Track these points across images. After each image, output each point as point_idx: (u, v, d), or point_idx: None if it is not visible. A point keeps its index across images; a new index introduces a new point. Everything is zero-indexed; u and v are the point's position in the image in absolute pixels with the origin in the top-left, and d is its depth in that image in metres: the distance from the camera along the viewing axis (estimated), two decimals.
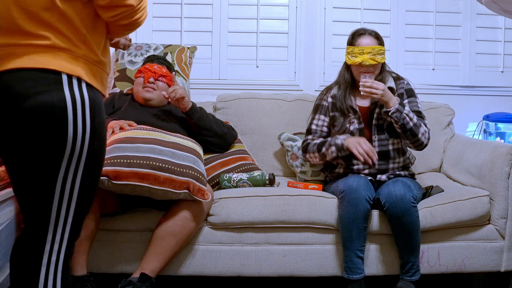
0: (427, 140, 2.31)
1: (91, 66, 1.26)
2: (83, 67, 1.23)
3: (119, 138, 2.05)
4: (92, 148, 1.25)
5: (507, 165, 2.21)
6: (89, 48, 1.25)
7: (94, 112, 1.24)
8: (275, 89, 3.07)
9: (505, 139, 2.91)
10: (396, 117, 2.22)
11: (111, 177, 1.91)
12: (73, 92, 1.19)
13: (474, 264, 2.23)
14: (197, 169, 2.06)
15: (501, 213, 2.22)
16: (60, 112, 1.17)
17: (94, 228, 2.03)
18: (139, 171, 1.94)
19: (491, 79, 3.18)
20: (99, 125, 1.27)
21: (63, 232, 1.28)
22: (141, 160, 1.96)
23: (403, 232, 2.11)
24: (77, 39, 1.23)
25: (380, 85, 2.21)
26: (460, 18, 3.15)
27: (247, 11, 3.10)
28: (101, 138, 1.30)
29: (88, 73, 1.24)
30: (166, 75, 2.49)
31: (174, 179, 1.98)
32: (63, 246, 1.29)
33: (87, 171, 1.27)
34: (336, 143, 2.28)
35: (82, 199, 1.29)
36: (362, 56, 2.27)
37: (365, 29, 2.37)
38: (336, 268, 2.20)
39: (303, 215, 2.18)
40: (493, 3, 1.79)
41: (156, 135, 2.12)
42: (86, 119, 1.22)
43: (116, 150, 1.99)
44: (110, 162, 1.94)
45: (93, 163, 1.27)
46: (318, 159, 2.39)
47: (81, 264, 1.99)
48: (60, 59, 1.19)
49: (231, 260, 2.19)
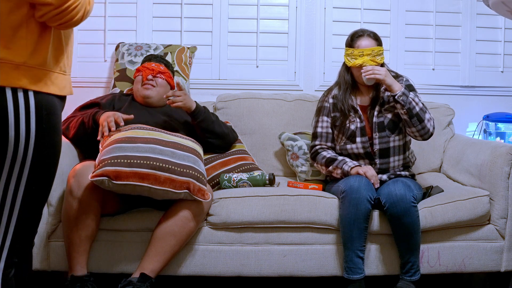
0: (433, 128, 2.31)
1: (36, 72, 1.24)
2: (25, 74, 1.22)
3: (119, 138, 2.05)
4: (39, 154, 1.25)
5: (507, 165, 2.21)
6: (29, 54, 1.23)
7: (41, 117, 1.24)
8: (275, 89, 3.07)
9: (505, 139, 2.91)
10: (403, 100, 2.23)
11: (112, 177, 1.91)
12: (16, 99, 1.21)
13: (474, 264, 2.23)
14: (197, 169, 2.06)
15: (501, 213, 2.22)
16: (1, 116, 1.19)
17: (95, 228, 2.03)
18: (139, 171, 1.94)
19: (491, 79, 3.18)
20: (48, 130, 1.26)
21: (4, 239, 1.25)
22: (141, 160, 1.96)
23: (403, 232, 2.11)
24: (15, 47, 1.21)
25: (382, 69, 2.25)
26: (460, 18, 3.15)
27: (247, 11, 3.10)
28: (51, 145, 1.29)
29: (33, 79, 1.23)
30: (164, 72, 2.49)
31: (174, 179, 1.98)
32: (3, 254, 1.25)
33: (32, 177, 1.25)
34: (343, 168, 2.30)
35: (27, 206, 1.26)
36: (362, 58, 2.29)
37: (363, 30, 2.38)
38: (336, 268, 2.20)
39: (303, 215, 2.18)
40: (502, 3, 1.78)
41: (156, 134, 2.12)
42: (31, 124, 1.22)
43: (117, 150, 1.99)
44: (111, 162, 1.94)
45: (39, 169, 1.26)
46: (324, 172, 2.44)
47: (81, 264, 1.99)
48: (2, 72, 1.19)
49: (231, 260, 2.19)
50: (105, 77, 3.03)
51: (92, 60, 3.03)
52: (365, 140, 2.36)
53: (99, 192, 2.00)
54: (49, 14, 1.20)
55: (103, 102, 2.47)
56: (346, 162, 2.32)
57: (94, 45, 3.04)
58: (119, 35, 2.98)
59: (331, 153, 2.41)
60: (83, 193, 1.95)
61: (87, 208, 1.97)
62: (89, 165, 2.04)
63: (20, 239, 1.29)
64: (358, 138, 2.36)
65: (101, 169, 1.93)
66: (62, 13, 1.20)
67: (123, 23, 3.04)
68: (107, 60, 3.04)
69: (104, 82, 3.02)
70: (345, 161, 2.33)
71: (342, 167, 2.31)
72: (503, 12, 1.85)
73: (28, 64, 1.23)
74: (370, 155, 2.36)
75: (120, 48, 2.87)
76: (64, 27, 1.26)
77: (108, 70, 3.03)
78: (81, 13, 1.25)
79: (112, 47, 2.98)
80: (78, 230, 1.97)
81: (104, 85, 3.02)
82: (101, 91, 3.01)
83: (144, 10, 3.04)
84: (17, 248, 1.28)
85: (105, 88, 3.02)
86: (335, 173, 2.36)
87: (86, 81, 2.99)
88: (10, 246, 1.26)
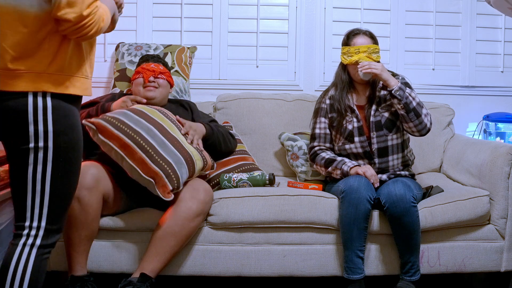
0: (430, 124, 2.31)
1: (55, 77, 1.47)
2: (46, 80, 1.46)
3: (134, 108, 2.18)
4: (58, 147, 1.48)
5: (507, 165, 2.21)
6: (49, 63, 1.46)
7: (58, 117, 1.47)
8: (275, 89, 3.07)
9: (505, 139, 2.91)
10: (400, 95, 2.23)
11: (98, 130, 2.02)
12: (36, 100, 1.45)
13: (474, 264, 2.23)
14: (174, 168, 2.04)
15: (501, 213, 2.22)
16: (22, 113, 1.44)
17: (94, 228, 2.03)
18: (122, 138, 2.02)
19: (491, 79, 3.18)
20: (65, 128, 1.49)
21: (39, 220, 1.50)
22: (130, 131, 2.04)
23: (403, 232, 2.11)
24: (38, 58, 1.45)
25: (378, 64, 2.25)
26: (460, 18, 3.15)
27: (247, 11, 3.10)
28: (70, 141, 1.51)
29: (53, 84, 1.47)
30: (164, 72, 2.50)
31: (146, 163, 2.01)
32: (39, 233, 1.50)
33: (56, 166, 1.49)
34: (343, 169, 2.30)
35: (56, 191, 1.50)
36: (358, 55, 2.30)
37: (359, 29, 2.40)
38: (336, 268, 2.20)
39: (303, 215, 2.18)
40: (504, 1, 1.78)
41: (166, 124, 2.17)
42: (48, 121, 1.46)
43: (121, 114, 2.11)
44: (106, 119, 2.06)
45: (62, 159, 1.49)
46: (324, 173, 2.44)
47: (81, 264, 1.99)
48: (26, 80, 1.43)
49: (231, 260, 2.19)
50: (105, 77, 3.03)
51: None
52: (363, 139, 2.36)
53: (99, 192, 2.00)
54: (69, 29, 1.43)
55: (103, 101, 2.47)
56: (345, 162, 2.32)
57: None
58: (119, 35, 2.97)
59: (330, 154, 2.41)
60: (83, 193, 1.95)
61: (87, 208, 1.97)
62: (89, 165, 2.04)
63: (52, 222, 1.52)
64: (356, 137, 2.36)
65: (96, 119, 2.06)
66: (79, 29, 1.44)
67: (123, 23, 2.99)
68: (107, 60, 3.04)
69: (104, 82, 3.02)
70: (344, 161, 2.33)
71: (342, 167, 2.31)
72: (505, 9, 1.85)
73: (48, 71, 1.46)
74: (369, 154, 2.37)
75: (120, 48, 2.87)
76: (82, 39, 1.50)
77: (108, 70, 3.03)
78: (95, 29, 1.47)
79: (112, 47, 2.98)
80: (78, 230, 1.97)
81: (104, 85, 3.02)
82: (101, 91, 3.01)
83: (144, 10, 3.04)
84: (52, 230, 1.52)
85: (105, 88, 3.02)
86: (335, 174, 2.36)
87: None
88: (45, 226, 1.50)
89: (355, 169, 2.27)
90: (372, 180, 2.22)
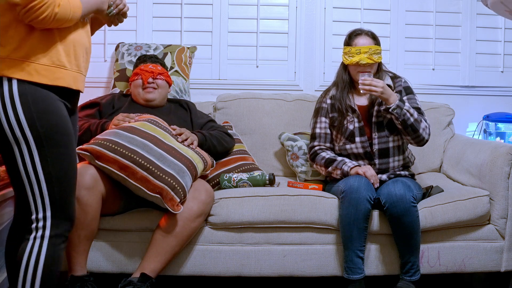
0: (428, 135, 2.32)
1: (18, 63, 1.44)
2: (9, 65, 1.44)
3: (124, 126, 2.13)
4: (37, 133, 1.45)
5: (507, 165, 2.21)
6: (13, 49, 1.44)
7: (27, 103, 1.44)
8: (275, 89, 3.07)
9: (505, 139, 2.91)
10: (397, 113, 2.22)
11: (94, 156, 1.98)
12: (1, 89, 1.43)
13: (474, 264, 2.23)
14: (177, 179, 2.02)
15: (501, 213, 2.22)
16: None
17: (94, 228, 2.03)
18: (120, 160, 1.98)
19: (491, 79, 3.18)
20: (37, 113, 1.45)
21: (44, 210, 1.49)
22: (126, 151, 2.00)
23: (403, 232, 2.11)
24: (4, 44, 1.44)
25: (380, 82, 2.22)
26: (460, 18, 3.15)
27: (247, 11, 3.10)
28: (48, 125, 1.47)
29: (15, 69, 1.44)
30: (162, 73, 2.50)
31: (149, 180, 1.98)
32: (47, 223, 1.49)
33: (43, 153, 1.47)
34: (343, 169, 2.30)
35: (51, 177, 1.48)
36: (359, 56, 2.29)
37: (361, 29, 2.39)
38: (336, 268, 2.20)
39: (303, 215, 2.18)
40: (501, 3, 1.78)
41: (160, 134, 2.13)
42: (17, 109, 1.43)
43: (113, 134, 2.05)
44: (99, 143, 2.01)
45: (46, 145, 1.47)
46: (324, 173, 2.44)
47: (81, 264, 1.99)
48: None
49: (231, 260, 2.19)
50: (105, 77, 3.03)
51: (92, 60, 2.93)
52: (364, 140, 2.36)
53: (98, 192, 2.00)
54: (20, 12, 1.40)
55: (103, 102, 2.47)
56: (345, 162, 2.32)
57: (94, 45, 2.97)
58: (119, 35, 2.97)
59: (330, 153, 2.41)
60: (82, 193, 1.94)
61: (87, 208, 1.96)
62: (89, 165, 2.04)
63: (58, 210, 1.51)
64: (357, 138, 2.36)
65: (89, 145, 2.02)
66: (29, 12, 1.40)
67: (123, 23, 3.03)
68: (107, 60, 3.04)
69: (104, 82, 3.02)
70: (345, 161, 2.33)
71: (342, 167, 2.31)
72: (502, 12, 1.85)
73: (11, 57, 1.44)
74: (369, 155, 2.36)
75: (120, 48, 2.87)
76: (35, 24, 1.44)
77: (108, 70, 3.03)
78: (47, 14, 1.42)
79: (112, 47, 2.98)
80: (77, 230, 1.97)
81: (104, 85, 3.02)
82: (101, 91, 3.01)
83: (144, 10, 3.04)
84: (60, 217, 1.51)
85: (105, 88, 3.02)
86: (335, 174, 2.36)
87: (86, 81, 2.94)
88: (52, 215, 1.49)
89: (355, 169, 2.27)
90: (372, 180, 2.22)
